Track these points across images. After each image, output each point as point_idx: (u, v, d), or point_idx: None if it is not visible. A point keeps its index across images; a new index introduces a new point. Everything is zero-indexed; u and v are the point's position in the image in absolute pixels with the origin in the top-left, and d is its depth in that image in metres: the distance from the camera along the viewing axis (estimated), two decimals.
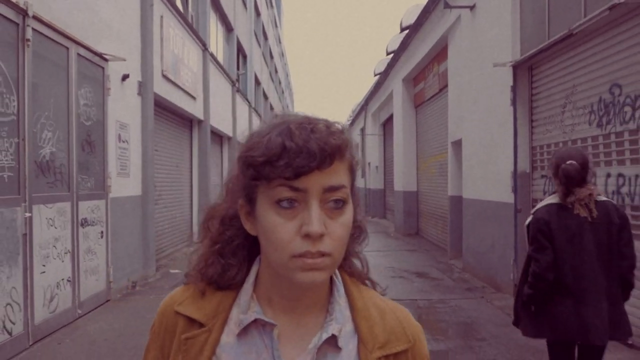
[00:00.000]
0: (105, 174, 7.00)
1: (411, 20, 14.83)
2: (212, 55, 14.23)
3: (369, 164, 24.75)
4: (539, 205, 3.26)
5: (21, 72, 4.99)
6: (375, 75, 23.63)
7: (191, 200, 13.24)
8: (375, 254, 11.95)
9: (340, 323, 0.91)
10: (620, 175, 5.17)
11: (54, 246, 5.64)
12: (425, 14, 11.62)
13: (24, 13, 4.98)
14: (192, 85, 12.00)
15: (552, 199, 3.18)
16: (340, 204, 0.82)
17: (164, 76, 9.82)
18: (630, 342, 5.01)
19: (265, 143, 0.80)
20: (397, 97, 16.30)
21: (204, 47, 13.29)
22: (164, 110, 10.58)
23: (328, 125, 0.83)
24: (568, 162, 3.04)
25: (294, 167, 0.77)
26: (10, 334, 4.81)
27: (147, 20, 8.64)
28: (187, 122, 12.87)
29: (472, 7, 8.71)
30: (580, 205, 3.03)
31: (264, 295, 0.92)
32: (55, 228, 5.65)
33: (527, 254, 3.22)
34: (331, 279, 0.95)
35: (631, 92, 4.96)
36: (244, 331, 0.89)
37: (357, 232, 0.98)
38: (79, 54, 6.19)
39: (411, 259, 11.25)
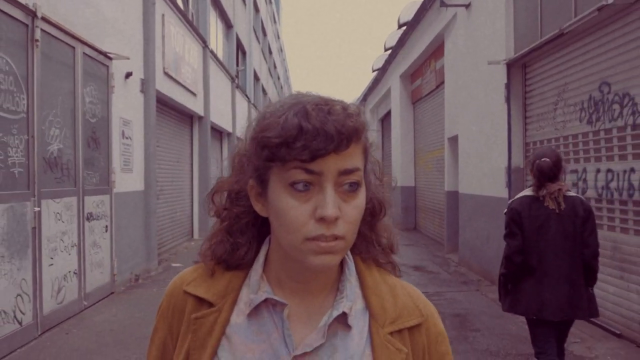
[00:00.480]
0: (110, 170, 7.18)
1: (409, 16, 14.95)
2: (212, 52, 14.38)
3: None
4: (516, 196, 3.67)
5: (30, 71, 5.16)
6: (373, 71, 23.74)
7: (192, 196, 13.42)
8: None
9: (352, 301, 0.90)
10: (609, 170, 5.36)
11: (61, 239, 5.82)
12: (422, 12, 11.78)
13: (33, 14, 5.15)
14: (193, 81, 12.16)
15: (527, 192, 3.61)
16: (355, 187, 0.81)
17: (166, 73, 9.98)
18: (619, 333, 5.22)
19: (282, 124, 0.78)
20: (395, 93, 16.48)
21: (204, 44, 13.44)
22: (165, 106, 10.74)
23: (345, 107, 0.81)
24: (542, 159, 3.45)
25: (311, 149, 0.76)
26: (20, 323, 4.99)
27: (149, 18, 8.80)
28: (188, 118, 13.04)
29: (467, 6, 8.87)
30: (550, 199, 3.44)
31: (273, 277, 0.92)
32: (63, 222, 5.84)
33: None
34: (342, 258, 0.92)
35: (619, 90, 5.14)
36: (254, 311, 0.89)
37: (373, 207, 0.95)
38: (84, 53, 6.36)
39: (408, 253, 11.44)
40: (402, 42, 14.49)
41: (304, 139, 0.75)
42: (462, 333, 5.67)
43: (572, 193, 3.52)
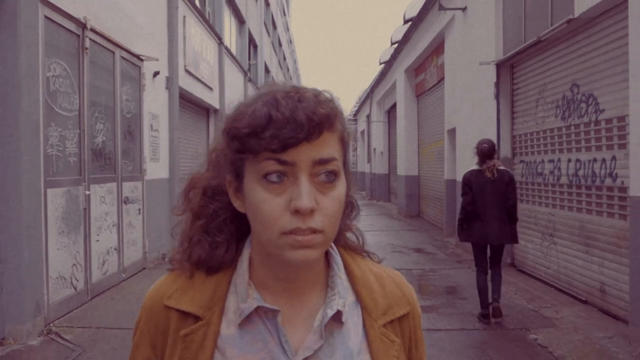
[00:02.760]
0: (142, 159, 8.10)
1: (414, 12, 15.64)
2: (226, 48, 15.24)
3: (374, 149, 25.75)
4: (468, 170, 5.64)
5: (81, 75, 6.06)
6: (380, 64, 24.45)
7: None
8: (378, 233, 13.06)
9: (344, 297, 0.88)
10: (577, 160, 6.19)
11: (105, 219, 6.74)
12: (424, 11, 12.57)
13: (83, 26, 6.04)
14: (210, 77, 13.04)
15: (474, 167, 5.57)
16: (332, 177, 0.78)
17: (187, 71, 10.86)
18: (584, 299, 6.07)
19: (250, 113, 0.76)
20: (400, 86, 17.27)
21: (220, 41, 14.29)
22: (185, 101, 11.62)
23: (316, 94, 0.79)
24: (482, 145, 5.45)
25: (280, 138, 0.73)
26: (75, 289, 5.93)
27: (173, 21, 9.67)
28: (205, 111, 13.93)
29: (464, 9, 9.67)
30: (488, 171, 5.37)
31: (259, 280, 0.88)
32: (106, 204, 6.76)
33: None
34: (327, 252, 0.92)
35: (586, 91, 5.96)
36: (246, 320, 0.85)
37: (348, 208, 0.96)
38: (121, 57, 7.25)
39: (410, 237, 12.33)
40: (406, 38, 15.26)
41: (273, 127, 0.74)
42: (451, 301, 6.55)
43: (502, 167, 5.47)
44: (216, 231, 0.90)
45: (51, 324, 5.31)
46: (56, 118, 5.53)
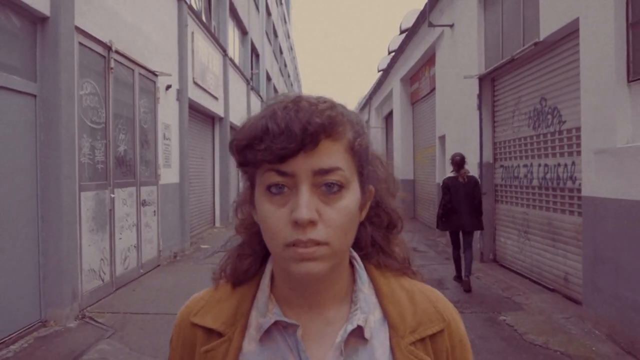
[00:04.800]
0: (157, 166, 8.91)
1: (409, 23, 16.43)
2: (230, 59, 16.07)
3: None
4: (446, 176, 7.39)
5: (107, 91, 6.88)
6: (378, 71, 25.22)
7: (213, 188, 15.15)
8: None
9: (366, 312, 0.85)
10: (546, 165, 6.99)
11: (126, 220, 7.55)
12: (416, 25, 13.39)
13: (109, 48, 6.86)
14: (215, 87, 13.86)
15: (450, 174, 7.29)
16: (335, 187, 0.76)
17: (195, 83, 11.68)
18: (552, 288, 6.85)
19: (248, 126, 0.77)
20: (396, 94, 18.08)
21: (224, 52, 15.12)
22: (193, 110, 12.44)
23: (314, 103, 0.77)
24: (455, 157, 7.17)
25: (273, 149, 0.73)
26: (102, 280, 6.72)
27: (183, 38, 10.49)
28: (210, 119, 14.75)
29: (451, 26, 10.49)
30: (461, 177, 7.06)
31: (282, 295, 0.87)
32: (127, 206, 7.57)
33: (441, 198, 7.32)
34: (353, 267, 0.89)
35: (552, 104, 6.76)
36: (266, 335, 0.84)
37: (383, 219, 0.94)
38: (139, 73, 8.07)
39: (405, 237, 12.90)
40: (401, 49, 16.08)
41: (268, 139, 0.73)
42: None
43: (470, 174, 7.19)
44: (246, 245, 0.92)
45: (85, 310, 6.10)
46: (87, 130, 6.34)
